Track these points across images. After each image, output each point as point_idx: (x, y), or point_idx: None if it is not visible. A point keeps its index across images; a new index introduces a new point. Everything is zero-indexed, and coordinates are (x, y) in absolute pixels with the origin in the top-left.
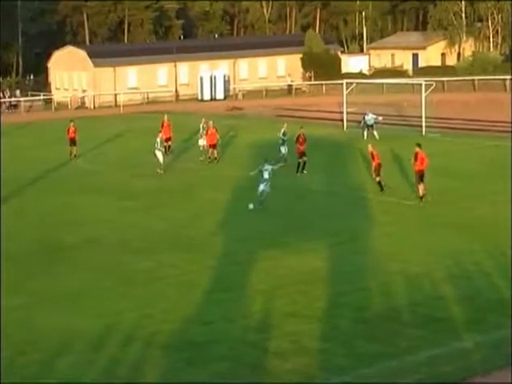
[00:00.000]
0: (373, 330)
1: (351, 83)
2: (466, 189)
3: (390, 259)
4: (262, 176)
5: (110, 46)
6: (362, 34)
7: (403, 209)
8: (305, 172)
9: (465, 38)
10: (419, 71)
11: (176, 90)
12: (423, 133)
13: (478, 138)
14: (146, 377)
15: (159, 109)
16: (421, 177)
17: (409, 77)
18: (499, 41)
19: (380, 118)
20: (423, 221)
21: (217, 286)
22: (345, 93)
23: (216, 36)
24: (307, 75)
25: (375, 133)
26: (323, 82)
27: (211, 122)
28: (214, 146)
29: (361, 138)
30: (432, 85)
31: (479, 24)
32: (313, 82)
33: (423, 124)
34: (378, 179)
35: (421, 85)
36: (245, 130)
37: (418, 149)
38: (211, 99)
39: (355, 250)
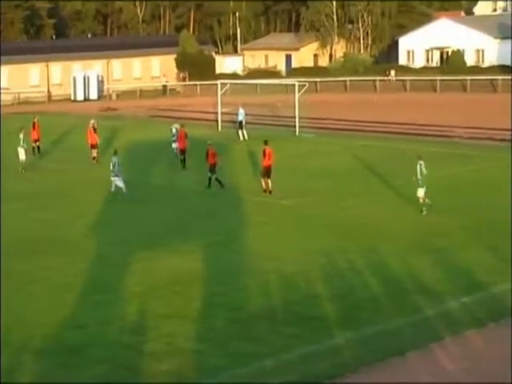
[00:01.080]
0: (248, 330)
1: (225, 84)
2: (339, 189)
3: (266, 259)
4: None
5: None
6: (236, 34)
7: (278, 209)
8: (185, 170)
9: (336, 39)
10: (292, 72)
11: (48, 91)
12: (297, 133)
13: (351, 138)
14: (18, 381)
15: (31, 109)
16: (267, 172)
17: (282, 77)
18: (369, 42)
19: (240, 118)
20: (298, 221)
21: (92, 289)
22: (219, 93)
23: (89, 36)
24: (181, 76)
25: (245, 132)
26: (197, 83)
27: (92, 121)
28: (94, 146)
29: (236, 138)
30: (305, 85)
31: (350, 26)
32: (187, 83)
33: (297, 124)
34: (214, 177)
35: (294, 85)
36: (120, 131)
37: (265, 146)
38: (85, 100)
39: (232, 250)
